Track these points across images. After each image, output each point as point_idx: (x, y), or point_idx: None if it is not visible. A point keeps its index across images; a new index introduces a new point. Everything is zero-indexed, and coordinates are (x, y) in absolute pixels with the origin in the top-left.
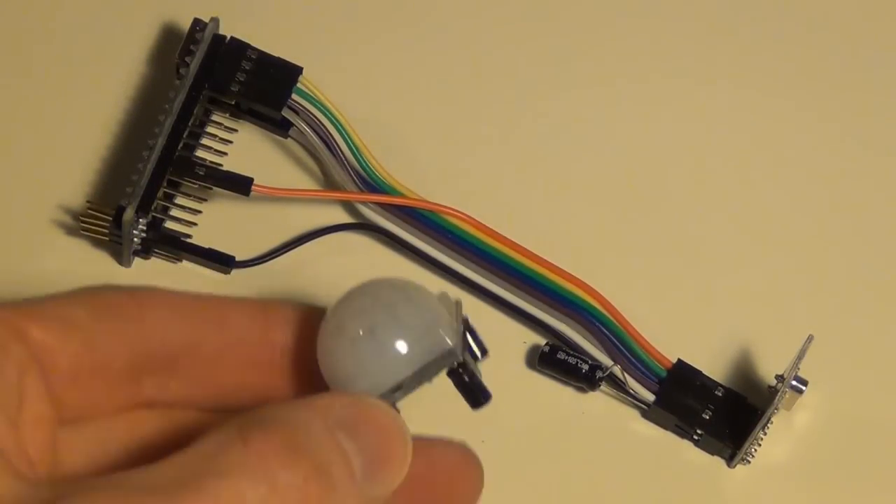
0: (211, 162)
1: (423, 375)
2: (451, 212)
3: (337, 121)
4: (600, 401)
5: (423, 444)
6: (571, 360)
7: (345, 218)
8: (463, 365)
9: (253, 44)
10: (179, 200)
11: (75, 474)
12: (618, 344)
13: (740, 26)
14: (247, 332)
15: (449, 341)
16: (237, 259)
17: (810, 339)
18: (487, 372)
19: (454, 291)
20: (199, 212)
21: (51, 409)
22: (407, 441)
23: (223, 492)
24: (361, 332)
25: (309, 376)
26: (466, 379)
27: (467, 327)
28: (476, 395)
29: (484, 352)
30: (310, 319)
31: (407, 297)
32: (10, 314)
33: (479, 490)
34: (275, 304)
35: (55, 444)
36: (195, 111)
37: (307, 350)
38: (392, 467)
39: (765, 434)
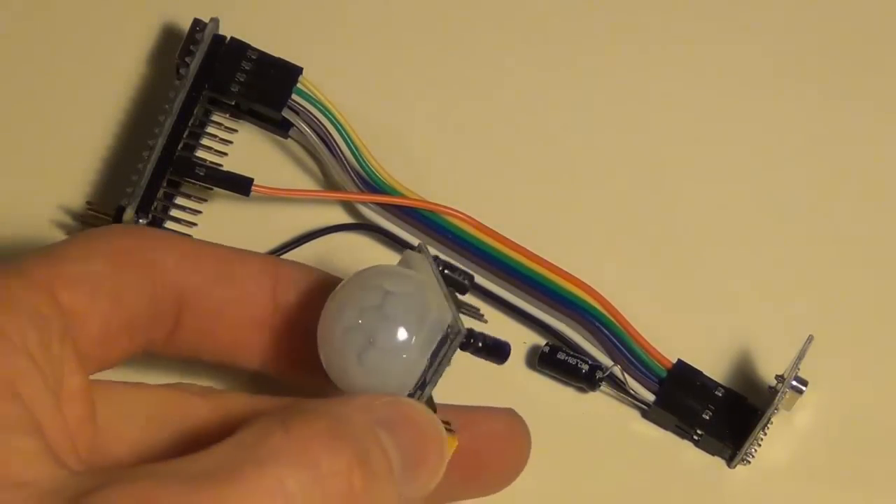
0: (211, 162)
1: (439, 362)
2: (451, 212)
3: (337, 121)
4: (600, 401)
5: (469, 413)
6: (571, 361)
7: (345, 218)
8: (470, 334)
9: (253, 44)
10: (179, 200)
11: (113, 454)
12: (618, 344)
13: (746, 21)
14: (254, 290)
15: (447, 318)
16: None
17: (810, 339)
18: (488, 372)
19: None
20: (199, 212)
21: (86, 381)
22: (443, 443)
23: (264, 479)
24: (362, 348)
25: (309, 343)
26: (480, 344)
27: (446, 266)
28: (497, 353)
29: (470, 278)
30: (319, 286)
31: (386, 293)
32: (42, 271)
33: (526, 456)
34: (286, 265)
35: (93, 418)
36: (195, 111)
37: (311, 316)
38: (428, 467)
39: (765, 434)
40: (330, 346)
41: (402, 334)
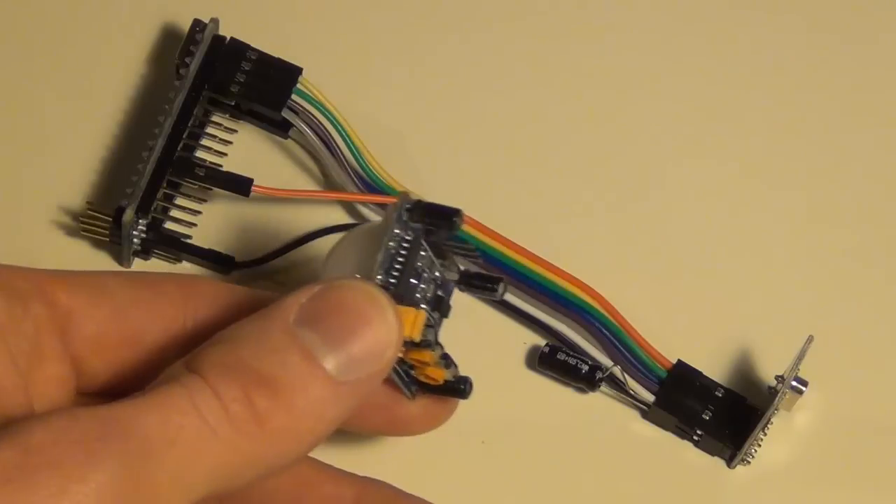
0: (211, 162)
1: (408, 250)
2: None
3: (337, 121)
4: (600, 401)
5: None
6: (571, 361)
7: (345, 218)
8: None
9: (253, 44)
10: (179, 201)
11: None
12: (618, 344)
13: (740, 23)
14: (167, 311)
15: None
16: (237, 260)
17: (810, 339)
18: (488, 373)
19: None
20: (199, 212)
21: (70, 373)
22: (382, 311)
23: (177, 399)
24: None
25: None
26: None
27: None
28: (440, 216)
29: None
30: (235, 302)
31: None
32: (43, 276)
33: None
34: (200, 282)
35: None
36: (195, 112)
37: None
38: (368, 343)
39: (765, 434)
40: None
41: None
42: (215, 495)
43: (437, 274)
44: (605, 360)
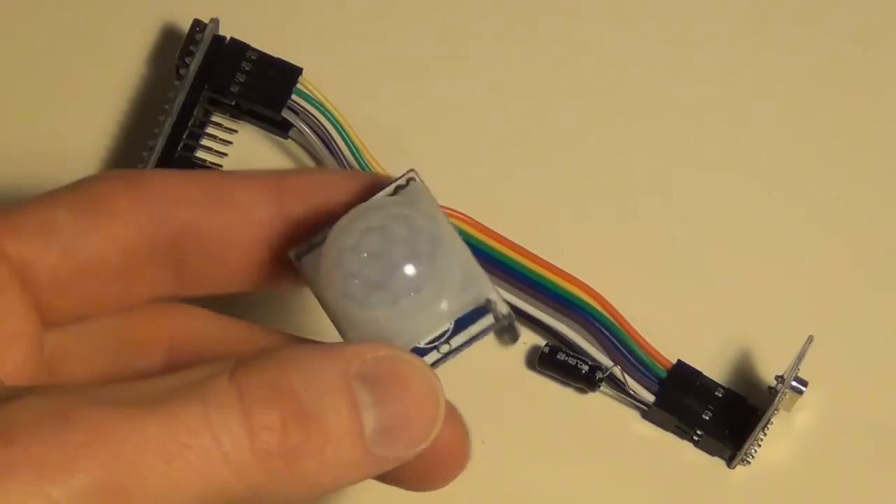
0: (211, 162)
1: (467, 338)
2: (451, 212)
3: (337, 121)
4: (600, 401)
5: None
6: (571, 361)
7: None
8: (504, 316)
9: (253, 44)
10: None
11: None
12: (618, 344)
13: (742, 21)
14: (257, 208)
15: (485, 291)
16: None
17: (810, 339)
18: (488, 373)
19: None
20: None
21: (29, 326)
22: (437, 406)
23: (189, 414)
24: (365, 285)
25: None
26: (507, 323)
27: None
28: (514, 330)
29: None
30: (331, 188)
31: (402, 217)
32: None
33: (465, 456)
34: (290, 175)
35: (40, 360)
36: (195, 112)
37: (326, 222)
38: (413, 431)
39: (765, 435)
40: (326, 285)
41: (412, 270)
42: None
43: None
44: (605, 360)
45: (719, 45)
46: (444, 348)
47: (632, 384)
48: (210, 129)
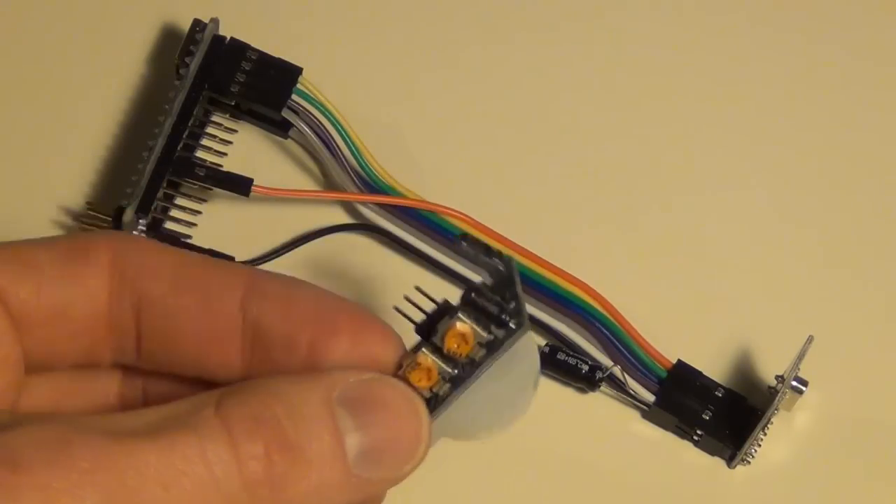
0: (211, 162)
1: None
2: (451, 212)
3: (337, 121)
4: (600, 401)
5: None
6: (571, 361)
7: (345, 218)
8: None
9: (253, 44)
10: (179, 201)
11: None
12: (618, 344)
13: (743, 24)
14: (218, 299)
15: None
16: (237, 260)
17: (810, 339)
18: None
19: (454, 292)
20: (199, 212)
21: (15, 351)
22: (420, 427)
23: (185, 444)
24: None
25: (284, 355)
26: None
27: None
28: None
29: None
30: (296, 298)
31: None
32: None
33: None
34: (262, 275)
35: (20, 389)
36: (195, 112)
37: (284, 329)
38: (396, 452)
39: (765, 434)
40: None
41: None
42: None
43: None
44: (605, 360)
45: (723, 48)
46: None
47: (632, 384)
48: (210, 129)
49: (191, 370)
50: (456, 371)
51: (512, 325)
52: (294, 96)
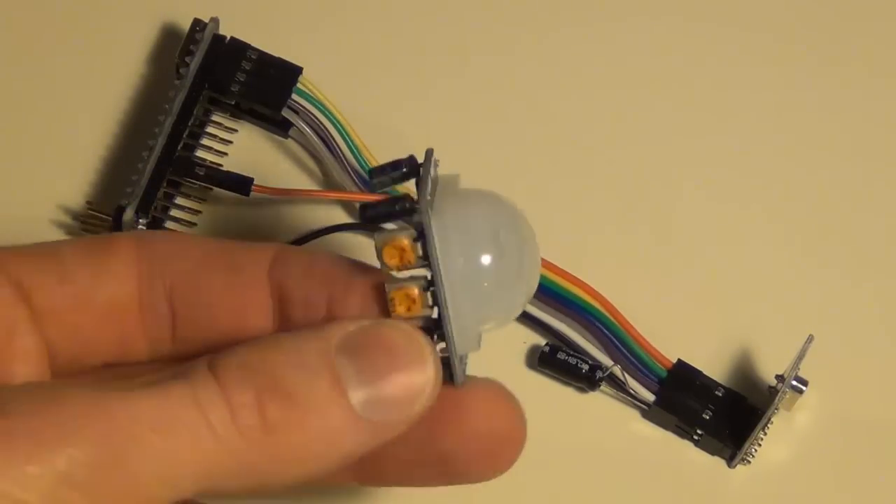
0: (211, 162)
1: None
2: None
3: (337, 121)
4: (600, 401)
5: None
6: (571, 361)
7: (345, 218)
8: None
9: (253, 44)
10: (179, 200)
11: None
12: (618, 344)
13: (745, 21)
14: (253, 275)
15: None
16: None
17: (810, 339)
18: (488, 373)
19: None
20: (200, 212)
21: (41, 344)
22: (425, 365)
23: (179, 394)
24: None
25: (307, 316)
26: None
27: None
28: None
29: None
30: (322, 267)
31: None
32: (3, 255)
33: (522, 434)
34: (290, 250)
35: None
36: (195, 111)
37: (312, 298)
38: (402, 392)
39: (765, 434)
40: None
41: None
42: (201, 496)
43: None
44: (605, 360)
45: (724, 48)
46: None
47: (632, 384)
48: (210, 129)
49: (224, 345)
50: (426, 276)
51: (414, 205)
52: (294, 96)
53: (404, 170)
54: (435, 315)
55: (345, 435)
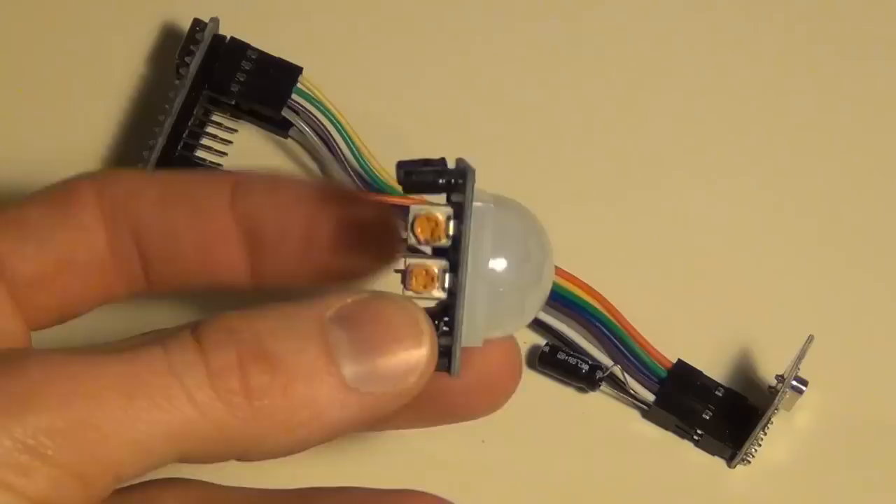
0: (211, 162)
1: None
2: None
3: (337, 121)
4: (600, 401)
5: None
6: (571, 361)
7: None
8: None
9: (253, 44)
10: None
11: None
12: (618, 344)
13: (748, 26)
14: (206, 205)
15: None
16: None
17: (810, 339)
18: None
19: None
20: None
21: (18, 325)
22: (419, 336)
23: (151, 358)
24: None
25: (285, 250)
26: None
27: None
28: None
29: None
30: (284, 191)
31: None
32: None
33: (518, 369)
34: (244, 174)
35: None
36: (195, 111)
37: (278, 223)
38: (394, 363)
39: (765, 434)
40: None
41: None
42: (179, 462)
43: None
44: (605, 360)
45: (724, 48)
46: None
47: (632, 384)
48: (210, 129)
49: (200, 283)
50: (445, 261)
51: (459, 181)
52: (294, 96)
53: (440, 170)
54: (445, 299)
55: (332, 405)
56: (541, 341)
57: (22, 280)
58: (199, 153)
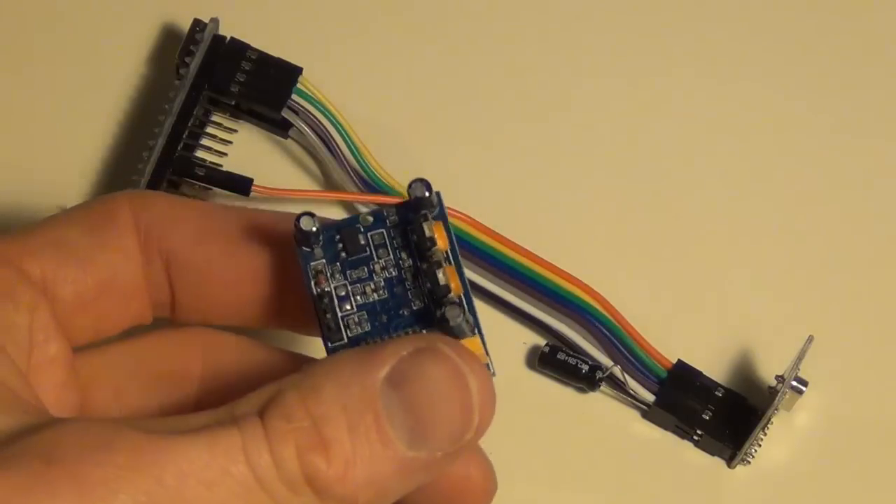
0: (211, 162)
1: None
2: (451, 212)
3: (337, 121)
4: (600, 401)
5: None
6: (571, 361)
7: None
8: None
9: (253, 44)
10: None
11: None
12: (618, 344)
13: (746, 21)
14: (235, 244)
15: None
16: None
17: (810, 339)
18: None
19: None
20: None
21: (63, 349)
22: (471, 396)
23: (229, 445)
24: None
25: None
26: None
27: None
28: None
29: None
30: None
31: None
32: (9, 248)
33: (493, 486)
34: (262, 214)
35: (76, 385)
36: (195, 111)
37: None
38: (448, 428)
39: (765, 434)
40: None
41: None
42: None
43: None
44: (605, 360)
45: (724, 48)
46: None
47: (632, 384)
48: (210, 129)
49: (222, 319)
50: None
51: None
52: (294, 96)
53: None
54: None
55: (393, 478)
56: (541, 341)
57: (63, 302)
58: (199, 153)
